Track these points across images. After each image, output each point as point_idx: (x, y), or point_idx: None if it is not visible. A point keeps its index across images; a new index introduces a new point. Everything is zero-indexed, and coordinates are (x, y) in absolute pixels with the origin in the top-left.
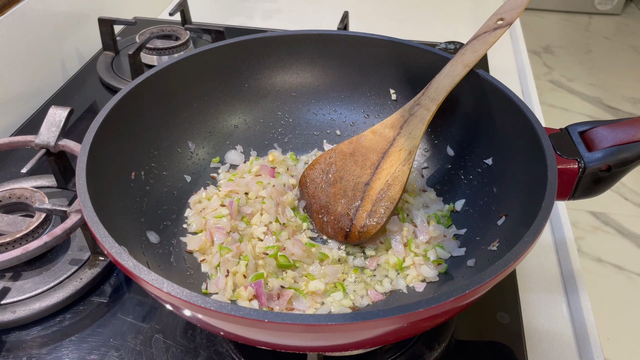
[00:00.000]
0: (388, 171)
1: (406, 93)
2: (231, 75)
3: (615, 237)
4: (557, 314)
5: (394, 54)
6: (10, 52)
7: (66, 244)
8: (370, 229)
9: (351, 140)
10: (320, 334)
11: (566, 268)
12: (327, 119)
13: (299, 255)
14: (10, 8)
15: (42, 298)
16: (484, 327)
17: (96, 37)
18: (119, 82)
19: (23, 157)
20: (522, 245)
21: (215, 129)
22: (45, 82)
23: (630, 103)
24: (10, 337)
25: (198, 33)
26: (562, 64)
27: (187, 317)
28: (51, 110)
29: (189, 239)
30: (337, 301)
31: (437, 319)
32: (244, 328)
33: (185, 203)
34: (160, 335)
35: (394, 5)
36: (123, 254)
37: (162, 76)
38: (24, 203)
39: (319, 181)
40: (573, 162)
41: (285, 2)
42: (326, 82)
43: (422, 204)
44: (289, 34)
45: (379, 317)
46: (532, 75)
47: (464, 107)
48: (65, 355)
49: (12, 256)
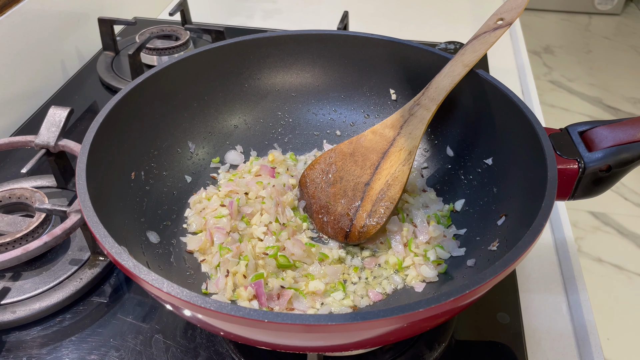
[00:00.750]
0: (388, 171)
1: (406, 93)
2: (231, 75)
3: (615, 237)
4: (557, 314)
5: (394, 54)
6: (10, 52)
7: (66, 244)
8: (370, 229)
9: (351, 140)
10: (320, 334)
11: (566, 268)
12: (327, 119)
13: (299, 255)
14: (10, 8)
15: (42, 298)
16: (484, 327)
17: (96, 37)
18: (119, 82)
19: (23, 157)
20: (522, 245)
21: (215, 129)
22: (45, 82)
23: (630, 103)
24: (10, 337)
25: (198, 33)
26: (562, 64)
27: (187, 317)
28: (51, 110)
29: (189, 239)
30: (337, 301)
31: (437, 319)
32: (244, 328)
33: (185, 203)
34: (160, 336)
35: (394, 5)
36: (123, 254)
37: (162, 76)
38: (24, 203)
39: (319, 181)
40: (573, 162)
41: (285, 2)
42: (326, 82)
43: (422, 204)
44: (289, 34)
45: (379, 317)
46: (532, 75)
47: (464, 107)
48: (65, 355)
49: (12, 256)
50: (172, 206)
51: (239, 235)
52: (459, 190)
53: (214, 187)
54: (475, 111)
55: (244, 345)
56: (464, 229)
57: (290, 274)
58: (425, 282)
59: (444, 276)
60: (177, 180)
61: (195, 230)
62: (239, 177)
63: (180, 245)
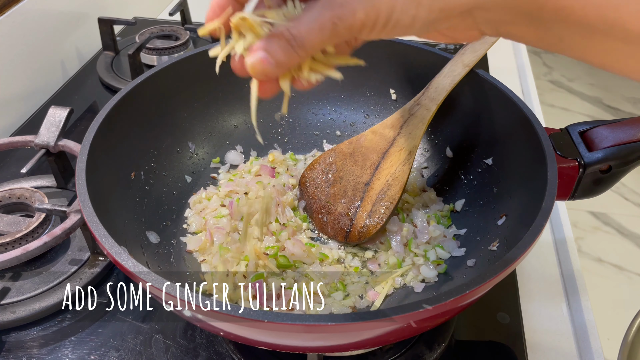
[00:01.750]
0: (388, 171)
1: (406, 93)
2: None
3: (615, 237)
4: (557, 314)
5: (394, 54)
6: (10, 52)
7: (66, 244)
8: (370, 229)
9: (351, 140)
10: (320, 334)
11: (566, 268)
12: (327, 119)
13: (299, 255)
14: (10, 8)
15: (42, 298)
16: (484, 327)
17: (96, 37)
18: (119, 82)
19: (23, 157)
20: (522, 245)
21: (215, 129)
22: (45, 82)
23: (631, 103)
24: (10, 337)
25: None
26: (562, 64)
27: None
28: (51, 110)
29: (189, 239)
30: (337, 301)
31: (437, 319)
32: (244, 328)
33: (185, 203)
34: (160, 336)
35: None
36: (123, 254)
37: (162, 76)
38: (24, 203)
39: (319, 181)
40: (573, 162)
41: None
42: (326, 82)
43: (422, 204)
44: None
45: (379, 317)
46: (532, 75)
47: (465, 107)
48: (65, 355)
49: (12, 256)
50: (172, 206)
51: (239, 235)
52: (459, 190)
53: (214, 187)
54: (476, 111)
55: (244, 345)
56: (464, 229)
57: (290, 274)
58: (425, 282)
59: (444, 276)
60: (177, 180)
61: (195, 230)
62: (239, 177)
63: (180, 245)
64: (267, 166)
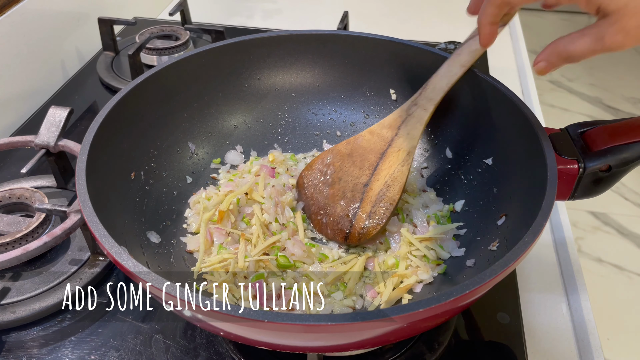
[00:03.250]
0: (387, 172)
1: (406, 93)
2: (231, 75)
3: (615, 237)
4: (557, 313)
5: (394, 54)
6: (10, 52)
7: (66, 244)
8: (370, 230)
9: (348, 140)
10: (320, 334)
11: (566, 268)
12: (327, 119)
13: (299, 255)
14: (10, 8)
15: (42, 298)
16: (484, 327)
17: (96, 37)
18: (119, 82)
19: (23, 157)
20: (522, 245)
21: (215, 129)
22: (45, 82)
23: (631, 103)
24: (10, 337)
25: (198, 33)
26: None
27: (187, 318)
28: (51, 110)
29: (189, 239)
30: (337, 301)
31: (437, 319)
32: (244, 328)
33: (185, 203)
34: (160, 336)
35: (394, 5)
36: (123, 254)
37: (161, 76)
38: (24, 203)
39: (317, 182)
40: (573, 162)
41: (285, 2)
42: (326, 82)
43: (421, 204)
44: (289, 34)
45: (379, 317)
46: (532, 75)
47: (464, 107)
48: (65, 355)
49: (12, 256)
50: (172, 206)
51: (239, 236)
52: (459, 191)
53: (214, 187)
54: (475, 111)
55: (244, 345)
56: (464, 229)
57: (290, 274)
58: (424, 282)
59: (444, 276)
60: (177, 180)
61: (195, 230)
62: (239, 177)
63: (180, 245)
64: (267, 166)
